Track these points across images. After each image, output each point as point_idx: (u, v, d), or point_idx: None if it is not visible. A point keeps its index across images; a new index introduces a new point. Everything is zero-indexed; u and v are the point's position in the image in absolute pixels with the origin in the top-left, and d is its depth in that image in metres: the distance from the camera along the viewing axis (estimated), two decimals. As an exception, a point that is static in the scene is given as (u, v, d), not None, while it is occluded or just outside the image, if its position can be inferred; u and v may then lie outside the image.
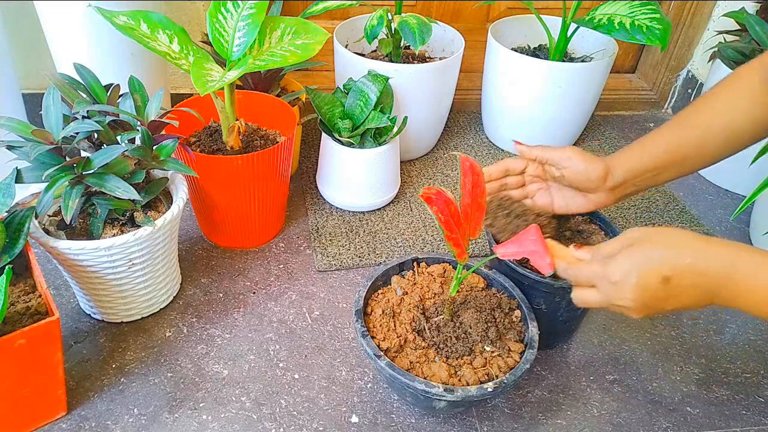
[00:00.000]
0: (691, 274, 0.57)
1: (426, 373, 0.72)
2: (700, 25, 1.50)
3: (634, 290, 0.58)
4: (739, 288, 0.56)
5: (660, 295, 0.58)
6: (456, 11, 1.56)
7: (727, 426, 0.84)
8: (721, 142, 0.74)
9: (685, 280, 0.57)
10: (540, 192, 0.82)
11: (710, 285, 0.57)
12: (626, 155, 0.76)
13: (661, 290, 0.57)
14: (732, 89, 0.74)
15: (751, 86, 0.72)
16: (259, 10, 0.86)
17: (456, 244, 0.66)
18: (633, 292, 0.58)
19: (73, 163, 0.75)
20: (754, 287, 0.56)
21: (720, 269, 0.56)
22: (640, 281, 0.58)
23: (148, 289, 0.88)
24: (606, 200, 0.78)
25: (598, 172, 0.75)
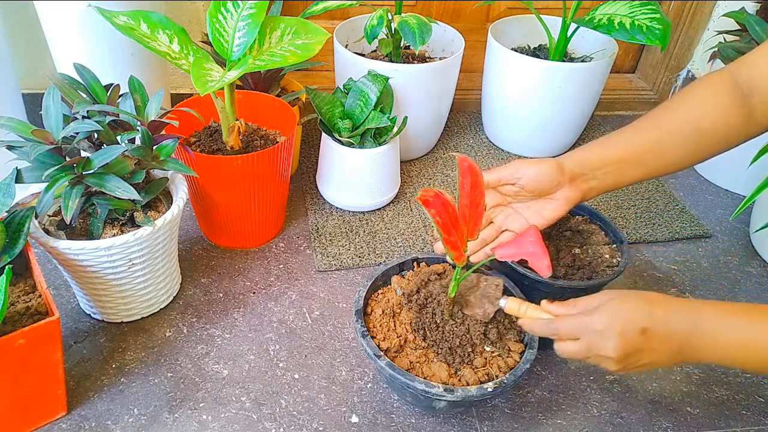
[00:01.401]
0: (664, 326, 0.61)
1: (426, 373, 0.72)
2: (700, 25, 1.50)
3: (617, 339, 0.61)
4: (702, 341, 0.61)
5: (638, 346, 0.61)
6: (456, 11, 1.56)
7: (727, 426, 0.84)
8: (682, 145, 0.73)
9: (658, 332, 0.61)
10: (510, 218, 0.78)
11: (679, 338, 0.61)
12: (579, 149, 0.77)
13: (640, 342, 0.61)
14: (698, 94, 0.74)
15: (718, 92, 0.72)
16: (259, 10, 0.86)
17: (454, 247, 0.66)
18: (615, 341, 0.61)
19: (73, 163, 0.75)
20: (714, 339, 0.60)
21: (684, 324, 0.61)
22: (623, 331, 0.61)
23: (148, 289, 0.88)
24: (572, 194, 0.75)
25: (551, 168, 0.73)
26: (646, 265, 1.10)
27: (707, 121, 0.72)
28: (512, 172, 0.75)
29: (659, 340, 0.61)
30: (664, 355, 0.62)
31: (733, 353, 0.61)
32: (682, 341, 0.61)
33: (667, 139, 0.73)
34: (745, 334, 0.60)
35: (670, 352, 0.62)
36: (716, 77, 0.74)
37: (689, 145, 0.73)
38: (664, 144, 0.73)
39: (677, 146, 0.74)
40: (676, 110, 0.74)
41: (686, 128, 0.73)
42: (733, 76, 0.72)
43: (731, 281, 1.08)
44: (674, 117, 0.74)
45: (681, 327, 0.61)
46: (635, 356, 0.62)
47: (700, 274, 1.09)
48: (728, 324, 0.61)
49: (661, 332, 0.61)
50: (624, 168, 0.75)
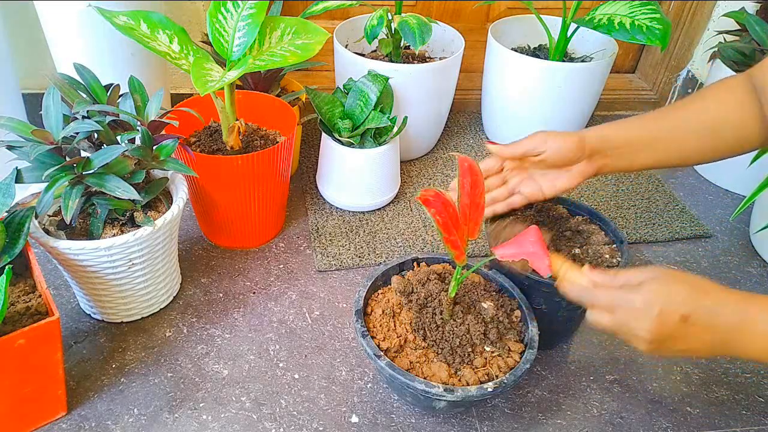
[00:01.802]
0: (708, 317, 0.58)
1: (426, 373, 0.72)
2: (700, 25, 1.50)
3: (653, 322, 0.59)
4: (750, 337, 0.58)
5: (675, 333, 0.59)
6: (456, 11, 1.56)
7: (727, 426, 0.84)
8: (696, 138, 0.75)
9: (700, 322, 0.58)
10: (524, 182, 0.81)
11: (722, 331, 0.58)
12: (601, 126, 0.79)
13: (678, 329, 0.59)
14: (717, 92, 0.75)
15: (736, 93, 0.73)
16: (259, 10, 0.86)
17: (454, 247, 0.66)
18: (651, 323, 0.59)
19: (73, 163, 0.75)
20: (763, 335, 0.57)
21: (732, 316, 0.58)
22: (661, 315, 0.59)
23: (148, 289, 0.88)
24: (587, 169, 0.78)
25: (574, 141, 0.76)
26: (646, 265, 1.10)
27: (723, 118, 0.73)
28: (537, 145, 0.77)
29: (701, 330, 0.59)
30: (703, 346, 0.60)
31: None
32: (726, 335, 0.58)
33: (682, 129, 0.75)
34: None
35: (711, 344, 0.59)
36: (735, 79, 0.75)
37: (703, 140, 0.75)
38: (678, 133, 0.75)
39: (691, 138, 0.75)
40: (694, 104, 0.76)
41: (702, 121, 0.74)
42: (751, 80, 0.73)
43: (731, 281, 1.08)
44: (692, 109, 0.75)
45: (728, 320, 0.58)
46: (670, 341, 0.60)
47: (700, 274, 1.08)
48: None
49: (704, 322, 0.58)
50: (638, 151, 0.77)
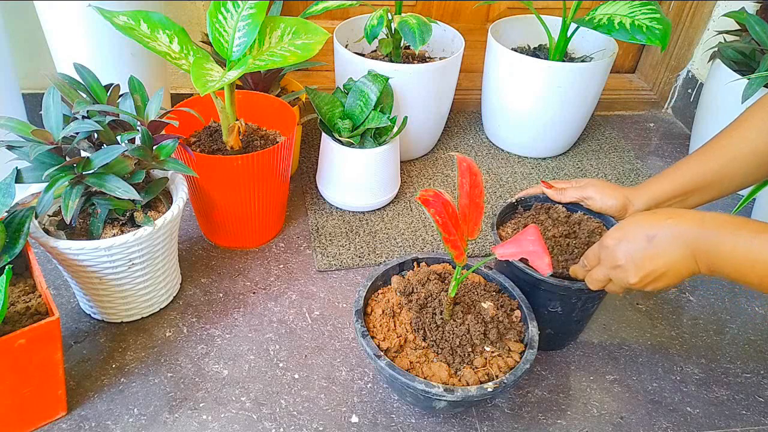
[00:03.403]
0: (671, 233, 0.63)
1: (426, 373, 0.72)
2: (700, 25, 1.50)
3: (624, 250, 0.66)
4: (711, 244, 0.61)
5: (648, 252, 0.64)
6: (456, 11, 1.56)
7: (727, 426, 0.84)
8: (745, 169, 0.76)
9: (666, 238, 0.63)
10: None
11: (688, 241, 0.62)
12: (650, 187, 0.82)
13: (647, 248, 0.64)
14: (754, 117, 0.76)
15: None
16: (259, 10, 0.86)
17: (454, 247, 0.66)
18: (623, 252, 0.66)
19: (73, 163, 0.75)
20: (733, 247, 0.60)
21: (692, 225, 0.63)
22: (628, 241, 0.66)
23: (148, 289, 0.88)
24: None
25: (617, 207, 0.83)
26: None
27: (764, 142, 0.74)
28: (584, 197, 0.86)
29: (667, 243, 0.63)
30: (677, 257, 0.63)
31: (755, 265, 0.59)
32: (692, 244, 0.62)
33: (732, 164, 0.76)
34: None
35: (682, 255, 0.63)
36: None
37: (750, 173, 0.77)
38: (726, 170, 0.77)
39: (738, 170, 0.77)
40: (734, 135, 0.77)
41: (745, 151, 0.75)
42: None
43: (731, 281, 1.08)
44: (732, 142, 0.77)
45: (691, 230, 0.62)
46: (649, 262, 0.64)
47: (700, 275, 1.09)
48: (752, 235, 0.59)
49: (668, 237, 0.63)
50: (688, 197, 0.80)
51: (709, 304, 1.03)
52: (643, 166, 1.36)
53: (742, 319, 1.00)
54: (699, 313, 1.01)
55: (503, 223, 0.91)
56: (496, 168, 1.33)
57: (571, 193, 0.87)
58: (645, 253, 0.64)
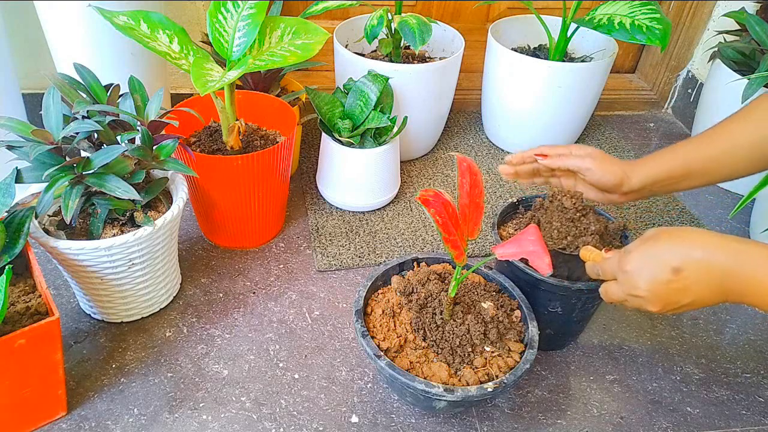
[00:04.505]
0: (700, 266, 0.59)
1: (426, 373, 0.72)
2: (700, 25, 1.50)
3: (646, 281, 0.61)
4: (746, 282, 0.57)
5: (673, 286, 0.60)
6: (456, 11, 1.56)
7: (727, 426, 0.84)
8: (740, 161, 0.75)
9: (694, 272, 0.59)
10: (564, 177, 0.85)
11: (719, 277, 0.58)
12: (647, 164, 0.79)
13: (674, 281, 0.59)
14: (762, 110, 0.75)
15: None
16: (259, 10, 0.86)
17: (454, 247, 0.66)
18: (644, 283, 0.61)
19: (73, 163, 0.75)
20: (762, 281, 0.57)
21: (726, 261, 0.58)
22: (652, 272, 0.61)
23: (148, 289, 0.88)
24: (618, 200, 0.82)
25: (614, 181, 0.79)
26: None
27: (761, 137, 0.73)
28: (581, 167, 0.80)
29: (695, 279, 0.59)
30: (705, 294, 0.60)
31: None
32: (722, 281, 0.58)
33: (726, 155, 0.76)
34: None
35: (711, 292, 0.59)
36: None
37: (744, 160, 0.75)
38: (723, 159, 0.76)
39: (734, 161, 0.76)
40: (734, 125, 0.76)
41: (743, 143, 0.74)
42: None
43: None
44: (733, 132, 0.76)
45: (721, 265, 0.58)
46: (673, 296, 0.60)
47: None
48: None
49: (696, 272, 0.59)
50: (681, 181, 0.78)
51: (709, 304, 1.03)
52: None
53: (742, 319, 1.00)
54: (699, 313, 1.01)
55: (504, 223, 0.91)
56: (496, 168, 1.33)
57: (571, 161, 0.81)
58: (670, 287, 0.60)
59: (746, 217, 1.22)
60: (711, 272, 0.59)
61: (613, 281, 0.66)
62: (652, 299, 0.61)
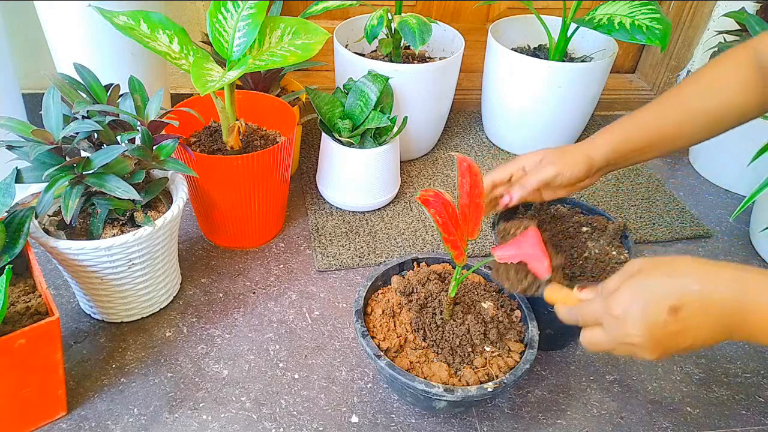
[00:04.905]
0: (701, 303, 0.51)
1: (426, 373, 0.72)
2: (700, 25, 1.50)
3: (641, 324, 0.52)
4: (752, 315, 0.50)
5: (671, 328, 0.52)
6: (456, 11, 1.56)
7: (727, 426, 0.84)
8: (701, 125, 0.74)
9: (695, 310, 0.51)
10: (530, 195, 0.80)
11: (721, 313, 0.51)
12: (608, 142, 0.77)
13: (671, 323, 0.51)
14: (718, 73, 0.73)
15: (741, 71, 0.71)
16: (259, 10, 0.86)
17: (454, 247, 0.66)
18: (639, 327, 0.52)
19: (73, 163, 0.75)
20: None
21: (727, 293, 0.51)
22: (646, 313, 0.52)
23: (148, 289, 0.88)
24: (586, 185, 0.80)
25: (585, 170, 0.76)
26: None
27: (727, 105, 0.72)
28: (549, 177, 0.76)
29: (696, 319, 0.51)
30: (707, 334, 0.52)
31: None
32: (726, 318, 0.51)
33: (687, 119, 0.73)
34: None
35: (714, 331, 0.51)
36: (736, 58, 0.72)
37: (708, 125, 0.73)
38: (684, 124, 0.74)
39: (697, 125, 0.74)
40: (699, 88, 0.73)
41: (709, 106, 0.72)
42: (756, 56, 0.70)
43: None
44: (698, 96, 0.73)
45: (725, 300, 0.50)
46: (671, 340, 0.52)
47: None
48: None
49: (697, 310, 0.51)
50: (644, 153, 0.77)
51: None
52: (643, 165, 1.36)
53: (742, 319, 1.00)
54: (699, 313, 1.01)
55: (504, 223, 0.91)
56: (496, 168, 1.33)
57: (535, 179, 0.76)
58: (668, 329, 0.51)
59: (746, 217, 1.22)
60: (712, 308, 0.51)
61: (597, 327, 0.57)
62: (649, 346, 0.53)
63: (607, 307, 0.55)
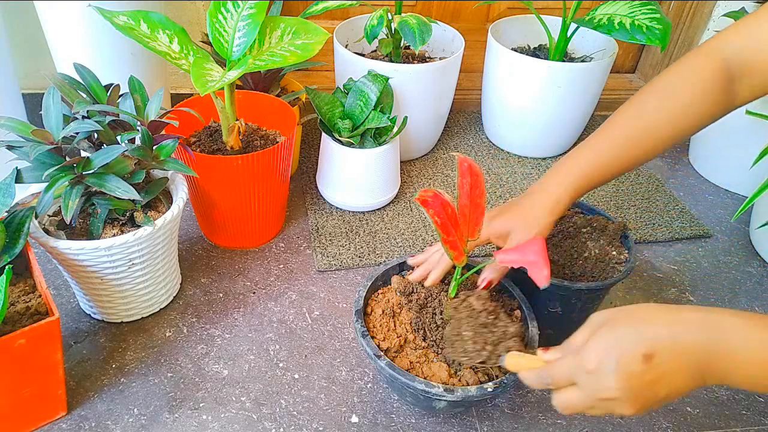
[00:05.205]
0: (673, 348, 0.51)
1: (426, 373, 0.72)
2: (700, 25, 1.50)
3: (617, 376, 0.50)
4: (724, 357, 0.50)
5: (647, 378, 0.50)
6: (456, 11, 1.56)
7: (727, 426, 0.84)
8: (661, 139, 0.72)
9: (668, 356, 0.50)
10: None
11: (696, 358, 0.50)
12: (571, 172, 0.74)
13: (647, 371, 0.50)
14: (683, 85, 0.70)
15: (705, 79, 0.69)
16: (259, 10, 0.86)
17: (453, 247, 0.66)
18: (616, 380, 0.50)
19: (73, 163, 0.75)
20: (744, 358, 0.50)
21: (699, 336, 0.50)
22: (620, 364, 0.50)
23: (148, 289, 0.88)
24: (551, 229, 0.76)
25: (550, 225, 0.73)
26: (646, 265, 1.10)
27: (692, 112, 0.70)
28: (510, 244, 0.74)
29: (670, 364, 0.50)
30: (683, 380, 0.51)
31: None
32: (700, 360, 0.50)
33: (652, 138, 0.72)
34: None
35: (688, 373, 0.50)
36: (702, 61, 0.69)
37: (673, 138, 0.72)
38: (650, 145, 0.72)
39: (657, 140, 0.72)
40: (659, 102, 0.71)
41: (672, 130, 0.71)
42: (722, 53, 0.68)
43: (731, 281, 1.08)
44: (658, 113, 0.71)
45: (696, 341, 0.50)
46: (649, 390, 0.51)
47: (700, 274, 1.09)
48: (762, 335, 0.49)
49: (670, 354, 0.50)
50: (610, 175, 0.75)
51: (709, 304, 1.03)
52: (643, 165, 1.36)
53: (742, 319, 1.00)
54: (699, 313, 1.01)
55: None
56: (496, 168, 1.33)
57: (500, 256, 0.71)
58: (644, 378, 0.50)
59: (746, 217, 1.22)
60: (684, 352, 0.50)
61: (571, 388, 0.54)
62: (627, 399, 0.51)
63: (580, 362, 0.53)
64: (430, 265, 0.77)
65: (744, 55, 0.67)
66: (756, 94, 0.69)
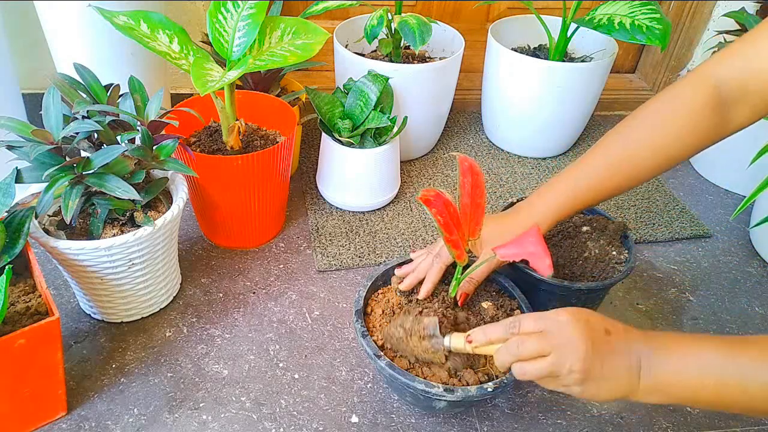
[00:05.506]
0: (625, 333, 0.60)
1: (426, 373, 0.72)
2: (700, 25, 1.50)
3: (583, 331, 0.58)
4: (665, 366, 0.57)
5: (604, 347, 0.58)
6: (456, 11, 1.56)
7: (727, 426, 0.84)
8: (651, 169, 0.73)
9: (620, 337, 0.59)
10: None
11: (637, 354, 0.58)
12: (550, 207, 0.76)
13: (605, 341, 0.58)
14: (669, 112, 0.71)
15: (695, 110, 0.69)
16: (259, 10, 0.86)
17: (455, 246, 0.66)
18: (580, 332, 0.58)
19: (73, 163, 0.75)
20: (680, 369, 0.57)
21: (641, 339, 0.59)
22: (589, 324, 0.59)
23: (148, 289, 0.88)
24: None
25: None
26: (646, 265, 1.10)
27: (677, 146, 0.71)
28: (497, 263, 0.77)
29: (621, 345, 0.59)
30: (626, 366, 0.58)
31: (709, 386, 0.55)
32: (639, 353, 0.58)
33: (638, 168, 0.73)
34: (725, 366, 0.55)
35: (629, 366, 0.58)
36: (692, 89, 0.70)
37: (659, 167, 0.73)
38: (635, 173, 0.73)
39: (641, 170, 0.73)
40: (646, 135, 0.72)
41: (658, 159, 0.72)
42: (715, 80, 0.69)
43: (731, 281, 1.08)
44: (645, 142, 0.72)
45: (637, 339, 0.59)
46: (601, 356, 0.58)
47: (700, 274, 1.09)
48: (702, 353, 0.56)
49: (622, 338, 0.59)
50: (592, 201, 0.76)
51: (709, 304, 1.03)
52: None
53: (742, 319, 1.00)
54: (699, 313, 1.01)
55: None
56: (496, 168, 1.33)
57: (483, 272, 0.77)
58: (603, 342, 0.58)
59: (746, 217, 1.22)
60: (630, 344, 0.59)
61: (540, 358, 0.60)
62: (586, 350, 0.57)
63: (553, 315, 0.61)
64: (420, 273, 0.79)
65: (744, 75, 0.67)
66: (758, 114, 0.69)
